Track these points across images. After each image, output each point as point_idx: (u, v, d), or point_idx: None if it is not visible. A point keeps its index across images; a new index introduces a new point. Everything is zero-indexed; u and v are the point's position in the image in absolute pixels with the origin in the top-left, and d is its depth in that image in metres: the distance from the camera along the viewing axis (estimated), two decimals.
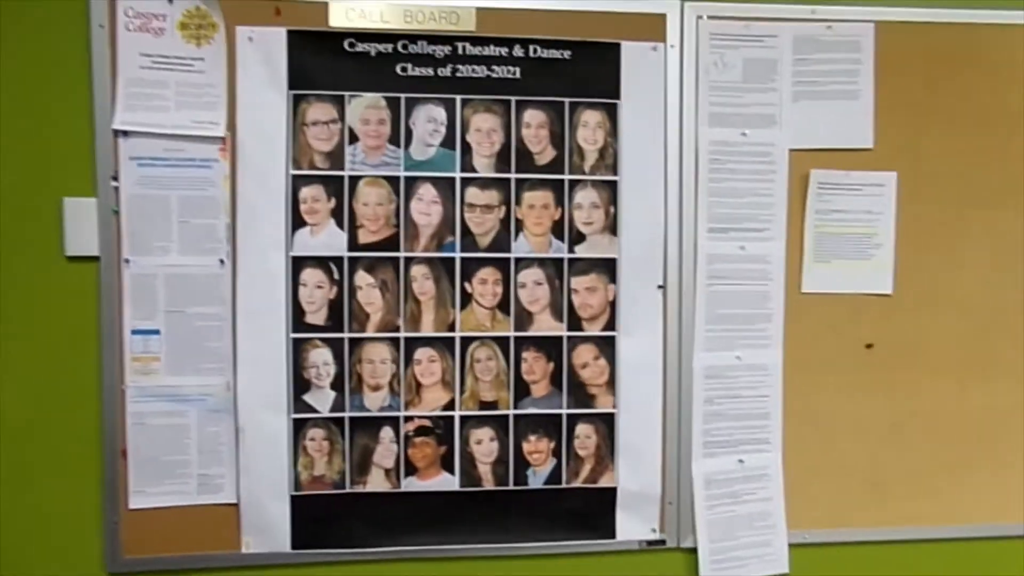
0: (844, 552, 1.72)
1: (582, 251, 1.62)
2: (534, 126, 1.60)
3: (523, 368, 1.62)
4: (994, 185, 1.69)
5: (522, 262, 1.61)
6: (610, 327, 1.64)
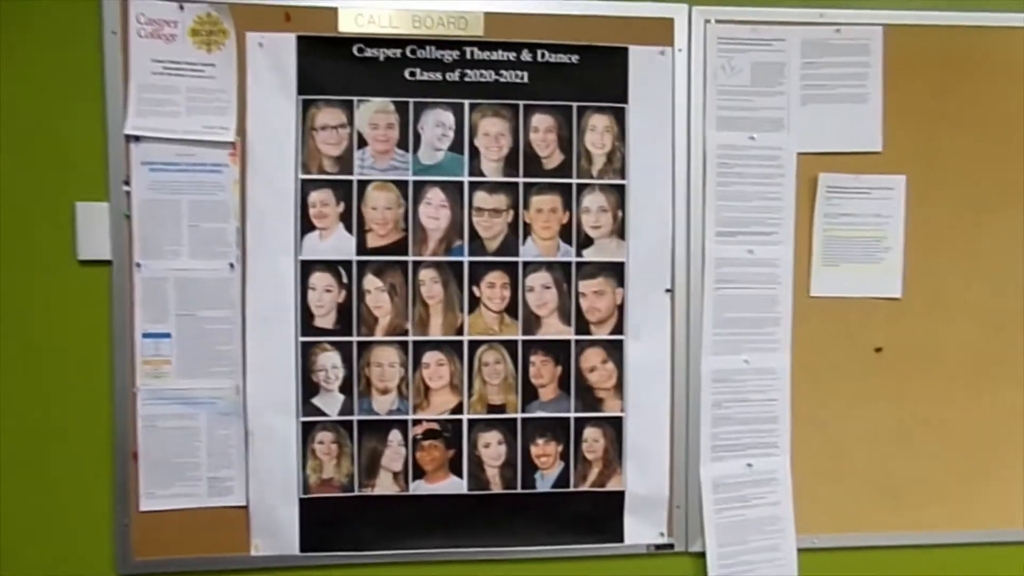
0: (853, 557, 1.71)
1: (590, 255, 1.63)
2: (542, 130, 1.60)
3: (531, 372, 1.63)
4: (1004, 188, 1.69)
5: (530, 266, 1.62)
6: (618, 331, 1.64)
